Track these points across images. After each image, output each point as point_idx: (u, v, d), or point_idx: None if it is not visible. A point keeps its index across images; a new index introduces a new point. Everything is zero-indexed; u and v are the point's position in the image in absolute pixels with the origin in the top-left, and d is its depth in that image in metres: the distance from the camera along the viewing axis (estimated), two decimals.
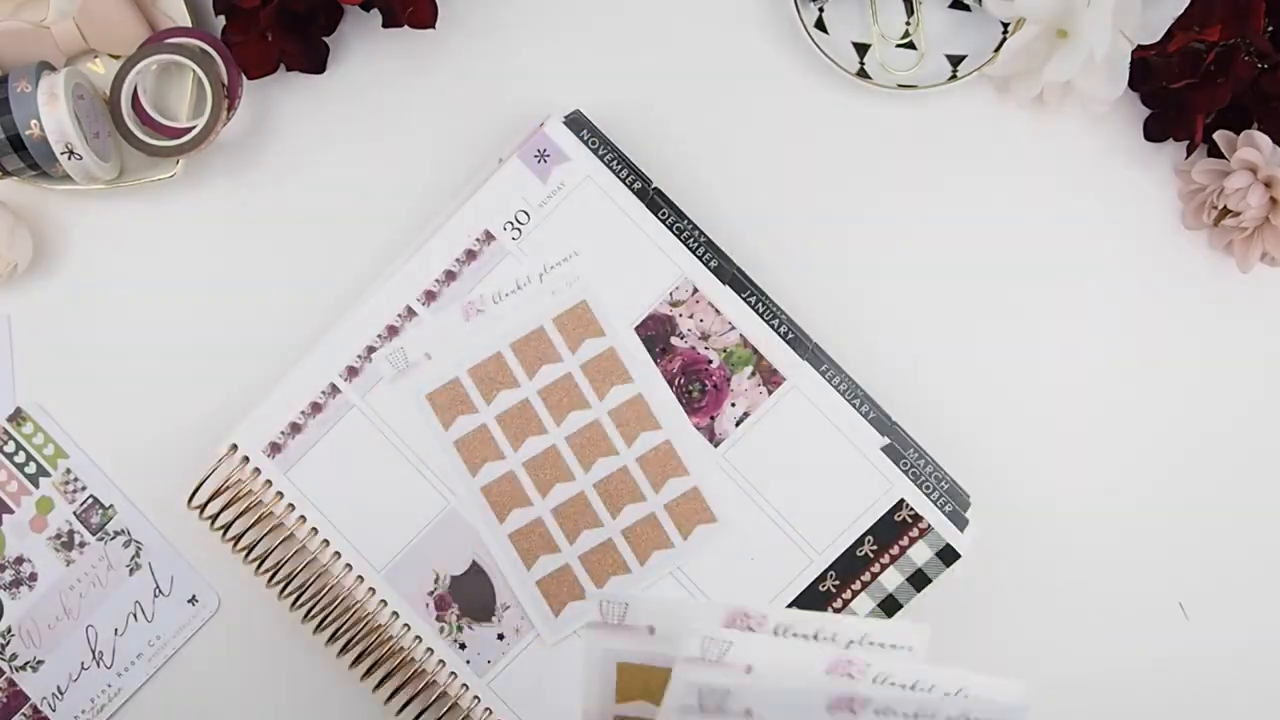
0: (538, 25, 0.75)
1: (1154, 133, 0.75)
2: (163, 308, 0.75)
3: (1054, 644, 0.76)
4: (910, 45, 0.75)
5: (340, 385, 0.72)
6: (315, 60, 0.74)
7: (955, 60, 0.75)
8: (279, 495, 0.72)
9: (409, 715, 0.73)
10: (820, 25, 0.75)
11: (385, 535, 0.72)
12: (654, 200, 0.72)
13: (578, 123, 0.72)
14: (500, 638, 0.72)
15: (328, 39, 0.74)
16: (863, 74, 0.74)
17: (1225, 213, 0.72)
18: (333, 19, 0.73)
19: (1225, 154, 0.72)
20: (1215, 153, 0.73)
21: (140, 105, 0.73)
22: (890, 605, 0.72)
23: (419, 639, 0.72)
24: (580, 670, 0.58)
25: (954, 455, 0.73)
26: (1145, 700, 0.76)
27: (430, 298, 0.72)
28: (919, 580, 0.71)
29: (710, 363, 0.72)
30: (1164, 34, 0.70)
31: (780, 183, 0.75)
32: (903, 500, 0.71)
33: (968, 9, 0.75)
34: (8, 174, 0.72)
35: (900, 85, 0.74)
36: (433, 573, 0.72)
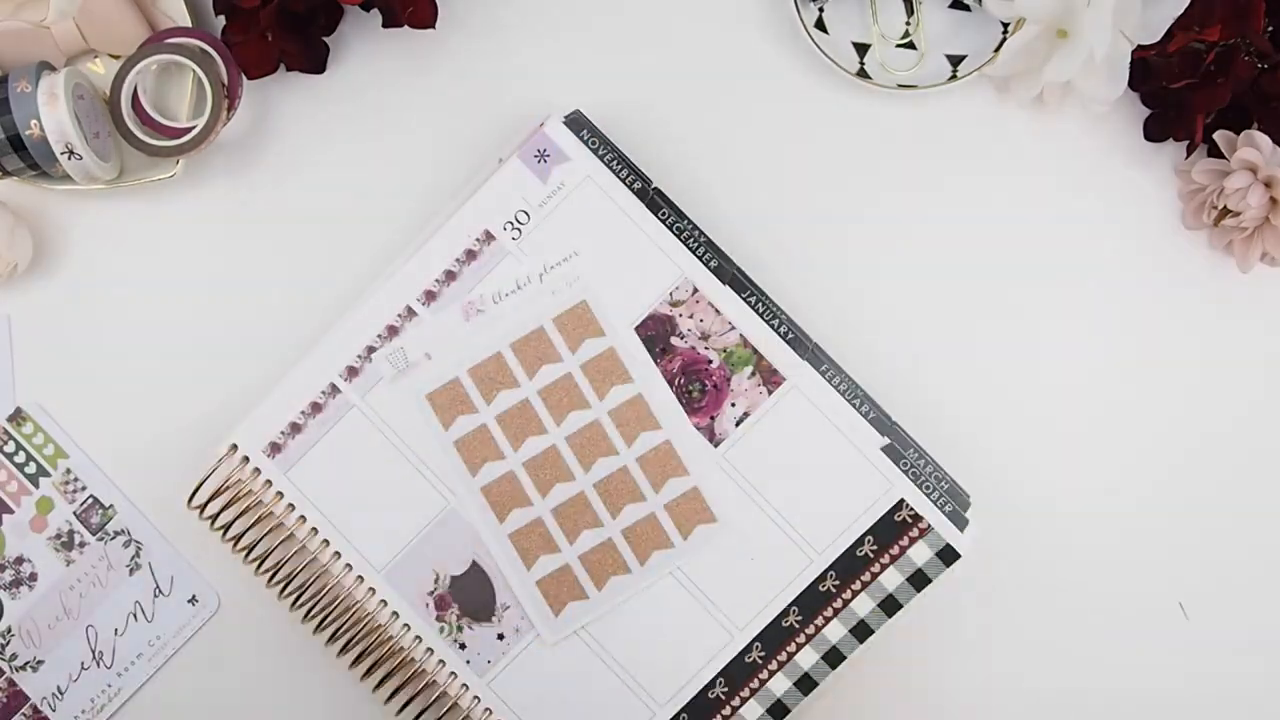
0: (538, 25, 0.75)
1: (1154, 133, 0.75)
2: (163, 308, 0.75)
3: (1054, 644, 0.76)
4: (910, 45, 0.75)
5: (340, 385, 0.72)
6: (315, 60, 0.74)
7: (955, 60, 0.75)
8: (279, 495, 0.72)
9: (409, 715, 0.73)
10: (820, 25, 0.75)
11: (385, 535, 0.72)
12: (654, 200, 0.72)
13: (578, 123, 0.72)
14: (500, 638, 0.72)
15: (328, 39, 0.74)
16: (863, 74, 0.74)
17: (1225, 213, 0.72)
18: (333, 19, 0.73)
19: (1225, 154, 0.72)
20: (1215, 153, 0.73)
21: (140, 105, 0.73)
22: (890, 605, 0.72)
23: (419, 639, 0.72)
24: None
25: (954, 455, 0.73)
26: (1145, 700, 0.76)
27: (430, 298, 0.72)
28: (919, 580, 0.71)
29: (710, 363, 0.72)
30: (1164, 34, 0.70)
31: (780, 183, 0.75)
32: (903, 500, 0.71)
33: (968, 9, 0.75)
34: (8, 174, 0.72)
35: (900, 85, 0.74)
36: (433, 573, 0.72)
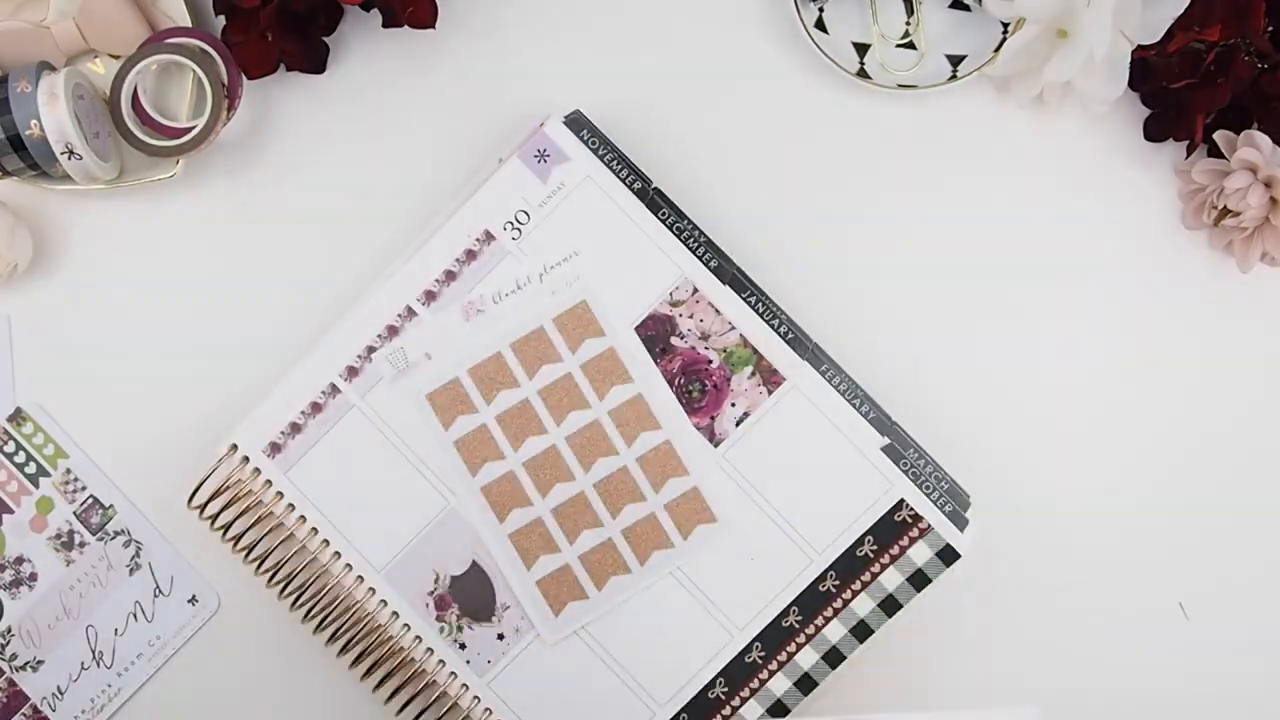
0: (538, 25, 0.75)
1: (1154, 133, 0.75)
2: (163, 308, 0.75)
3: (1054, 644, 0.76)
4: (910, 45, 0.75)
5: (340, 385, 0.72)
6: (315, 60, 0.74)
7: (955, 60, 0.75)
8: (279, 495, 0.72)
9: (409, 715, 0.73)
10: (820, 25, 0.75)
11: (385, 535, 0.72)
12: (654, 200, 0.72)
13: (578, 123, 0.72)
14: (500, 638, 0.72)
15: (328, 39, 0.74)
16: (863, 74, 0.74)
17: (1225, 213, 0.72)
18: (333, 19, 0.73)
19: (1225, 154, 0.72)
20: (1215, 153, 0.73)
21: (140, 105, 0.73)
22: (890, 605, 0.72)
23: (419, 639, 0.72)
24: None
25: (954, 455, 0.73)
26: (1145, 700, 0.76)
27: (430, 298, 0.72)
28: (919, 580, 0.71)
29: (710, 363, 0.72)
30: (1164, 34, 0.70)
31: (780, 183, 0.75)
32: (903, 500, 0.71)
33: (968, 9, 0.75)
34: (8, 174, 0.72)
35: (900, 85, 0.74)
36: (433, 573, 0.72)
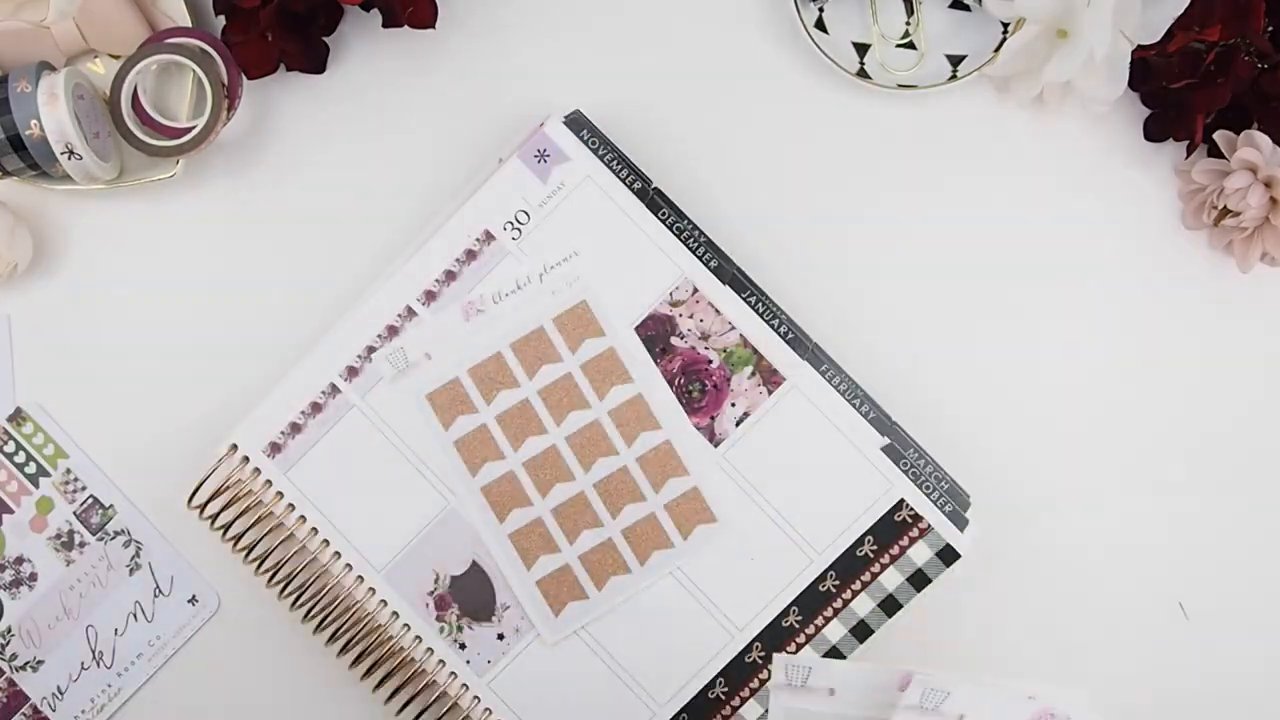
0: (538, 25, 0.75)
1: (1154, 133, 0.75)
2: (163, 308, 0.75)
3: (1054, 644, 0.76)
4: (910, 45, 0.75)
5: (340, 385, 0.72)
6: (315, 60, 0.74)
7: (955, 60, 0.75)
8: (279, 495, 0.72)
9: (409, 715, 0.73)
10: (820, 25, 0.75)
11: (385, 535, 0.72)
12: (654, 200, 0.72)
13: (578, 123, 0.72)
14: (500, 638, 0.72)
15: (328, 39, 0.74)
16: (863, 74, 0.74)
17: (1225, 213, 0.72)
18: (333, 19, 0.73)
19: (1225, 154, 0.72)
20: (1215, 153, 0.73)
21: (140, 105, 0.73)
22: (890, 605, 0.72)
23: (419, 639, 0.72)
24: None
25: (954, 455, 0.73)
26: (1145, 700, 0.76)
27: (430, 298, 0.72)
28: (919, 580, 0.71)
29: (710, 363, 0.72)
30: (1164, 34, 0.70)
31: (780, 183, 0.75)
32: (903, 500, 0.71)
33: (968, 9, 0.75)
34: (8, 174, 0.72)
35: (900, 85, 0.74)
36: (433, 573, 0.72)
